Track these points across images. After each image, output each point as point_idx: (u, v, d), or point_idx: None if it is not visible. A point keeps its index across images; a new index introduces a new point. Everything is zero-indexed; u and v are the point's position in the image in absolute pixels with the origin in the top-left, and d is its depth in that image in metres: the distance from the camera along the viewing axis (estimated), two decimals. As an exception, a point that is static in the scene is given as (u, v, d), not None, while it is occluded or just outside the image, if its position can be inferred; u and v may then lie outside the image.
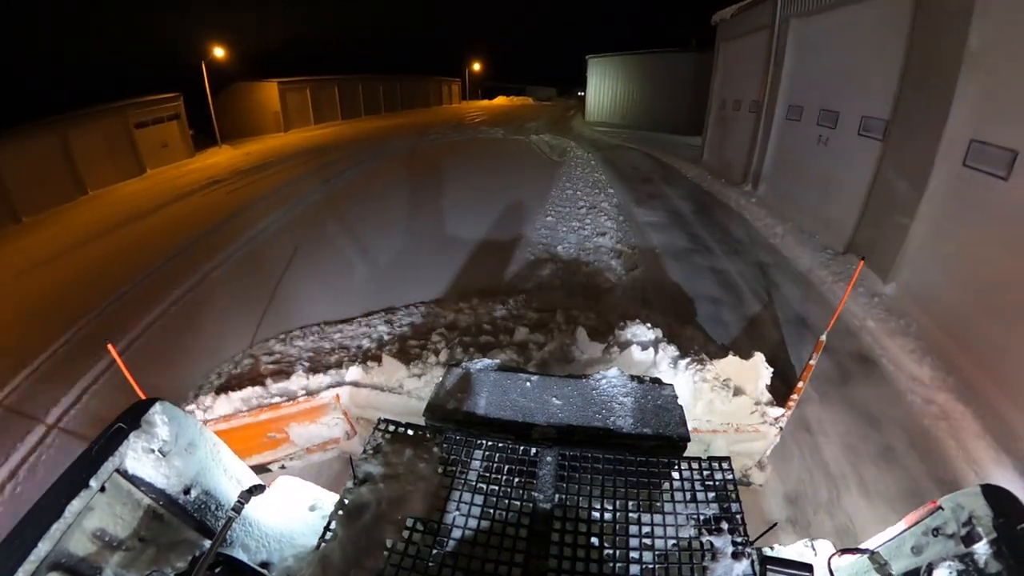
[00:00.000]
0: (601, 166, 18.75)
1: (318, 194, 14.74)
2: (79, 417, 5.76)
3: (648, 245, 10.47)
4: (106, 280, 9.20)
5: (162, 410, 1.87)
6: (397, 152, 21.24)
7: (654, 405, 2.37)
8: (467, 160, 19.67)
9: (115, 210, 15.07)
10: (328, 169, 18.30)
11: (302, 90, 30.48)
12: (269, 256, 10.07)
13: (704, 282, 8.80)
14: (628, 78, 31.90)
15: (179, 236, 11.62)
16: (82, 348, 7.10)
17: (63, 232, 13.14)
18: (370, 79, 36.73)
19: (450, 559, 1.72)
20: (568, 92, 50.92)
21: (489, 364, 2.71)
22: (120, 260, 10.43)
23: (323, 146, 24.00)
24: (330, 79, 32.97)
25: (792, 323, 7.41)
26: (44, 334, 7.45)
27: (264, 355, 6.18)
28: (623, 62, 32.34)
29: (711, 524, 1.81)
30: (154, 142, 20.38)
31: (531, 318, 6.55)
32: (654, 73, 30.03)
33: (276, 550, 2.07)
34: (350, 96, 34.75)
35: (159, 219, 13.69)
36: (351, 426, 4.87)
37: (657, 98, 30.12)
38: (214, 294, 8.61)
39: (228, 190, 16.44)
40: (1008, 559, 1.45)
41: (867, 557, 1.90)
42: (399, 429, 2.24)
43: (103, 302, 8.36)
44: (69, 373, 6.50)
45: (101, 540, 1.63)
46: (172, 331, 7.51)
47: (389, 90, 39.01)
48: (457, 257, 9.56)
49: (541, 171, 17.28)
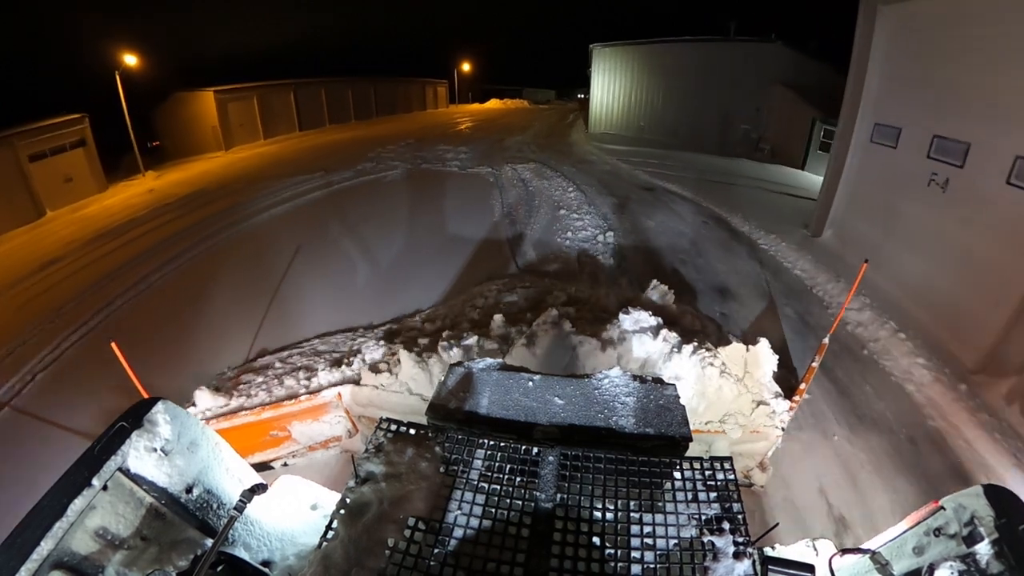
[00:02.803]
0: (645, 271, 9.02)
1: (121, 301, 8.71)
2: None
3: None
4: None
5: (164, 409, 1.87)
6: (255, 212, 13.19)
7: (656, 405, 2.37)
8: (366, 220, 11.98)
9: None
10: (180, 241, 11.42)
11: (247, 99, 24.23)
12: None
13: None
14: (650, 76, 23.39)
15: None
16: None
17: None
18: (335, 82, 30.89)
19: (452, 558, 1.73)
20: (568, 94, 48.60)
21: (491, 364, 2.71)
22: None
23: (242, 178, 17.19)
24: (284, 84, 26.98)
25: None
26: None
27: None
28: (643, 54, 23.40)
29: (713, 524, 1.81)
30: (55, 176, 15.96)
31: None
32: (693, 70, 21.64)
33: (278, 549, 2.08)
34: (310, 104, 28.91)
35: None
36: (353, 424, 4.87)
37: (695, 105, 21.86)
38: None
39: (31, 293, 9.49)
40: (1010, 560, 1.45)
41: (868, 557, 1.89)
42: (401, 428, 2.24)
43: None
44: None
45: (103, 539, 1.63)
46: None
47: (360, 95, 33.05)
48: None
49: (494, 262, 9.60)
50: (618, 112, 24.90)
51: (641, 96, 24.09)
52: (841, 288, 8.29)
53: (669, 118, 23.04)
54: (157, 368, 6.01)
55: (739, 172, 17.09)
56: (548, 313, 5.23)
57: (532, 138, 24.70)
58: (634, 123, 24.37)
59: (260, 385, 5.04)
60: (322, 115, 30.05)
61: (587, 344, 4.80)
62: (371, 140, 23.68)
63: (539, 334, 4.94)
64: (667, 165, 17.77)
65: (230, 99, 23.44)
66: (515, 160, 18.45)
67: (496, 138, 24.31)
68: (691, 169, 17.18)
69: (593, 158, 19.74)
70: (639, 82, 23.91)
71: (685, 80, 22.18)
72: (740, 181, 15.79)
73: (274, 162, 20.14)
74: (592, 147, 21.78)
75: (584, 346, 4.80)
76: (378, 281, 8.97)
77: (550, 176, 15.97)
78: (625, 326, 4.88)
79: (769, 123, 20.46)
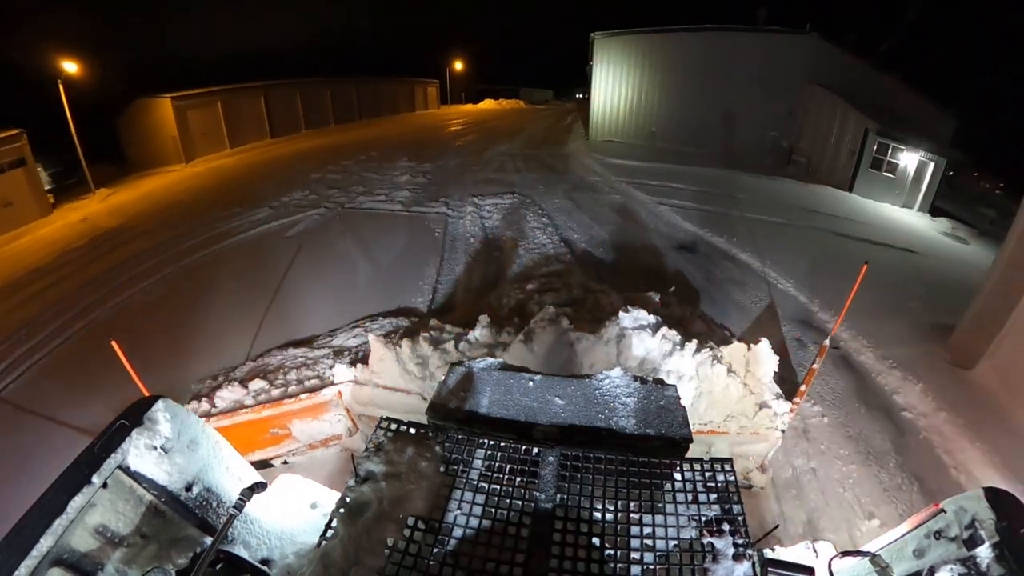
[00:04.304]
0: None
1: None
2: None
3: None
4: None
5: (165, 407, 1.88)
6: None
7: (656, 406, 2.36)
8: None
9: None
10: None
11: (210, 105, 21.97)
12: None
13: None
14: (665, 72, 19.84)
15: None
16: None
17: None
18: (312, 84, 28.49)
19: (451, 558, 1.72)
20: (566, 94, 47.68)
21: (492, 363, 2.70)
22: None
23: (175, 207, 14.13)
24: (253, 87, 24.47)
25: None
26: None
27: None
28: (655, 46, 19.78)
29: (712, 525, 1.81)
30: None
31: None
32: (715, 65, 18.46)
33: (277, 547, 2.08)
34: (283, 108, 26.39)
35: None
36: (353, 423, 4.88)
37: (718, 108, 18.74)
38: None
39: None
40: (1011, 563, 1.44)
41: (868, 560, 1.89)
42: (401, 427, 2.24)
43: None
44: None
45: (103, 536, 1.63)
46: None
47: (341, 97, 30.64)
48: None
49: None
50: (624, 116, 21.14)
51: (653, 96, 20.37)
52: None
53: (687, 123, 19.55)
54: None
55: (784, 200, 13.62)
56: (546, 310, 5.20)
57: (520, 147, 20.49)
58: (644, 129, 20.69)
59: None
60: (297, 120, 27.46)
61: (584, 340, 4.78)
62: (336, 150, 20.60)
63: (536, 331, 4.92)
64: (696, 194, 13.44)
65: (190, 106, 20.82)
66: (488, 186, 14.01)
67: (477, 147, 20.33)
68: (726, 197, 13.23)
69: (595, 179, 15.26)
70: (651, 79, 20.15)
71: (706, 77, 18.81)
72: (793, 216, 12.15)
73: (223, 180, 17.23)
74: (593, 161, 17.54)
75: (582, 343, 4.78)
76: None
77: (531, 220, 11.22)
78: (624, 323, 4.87)
79: (803, 130, 17.72)
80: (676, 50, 19.39)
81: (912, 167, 14.44)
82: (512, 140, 22.13)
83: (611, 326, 4.89)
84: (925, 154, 14.25)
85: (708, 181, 14.81)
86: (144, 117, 20.67)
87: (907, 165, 14.49)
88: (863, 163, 14.83)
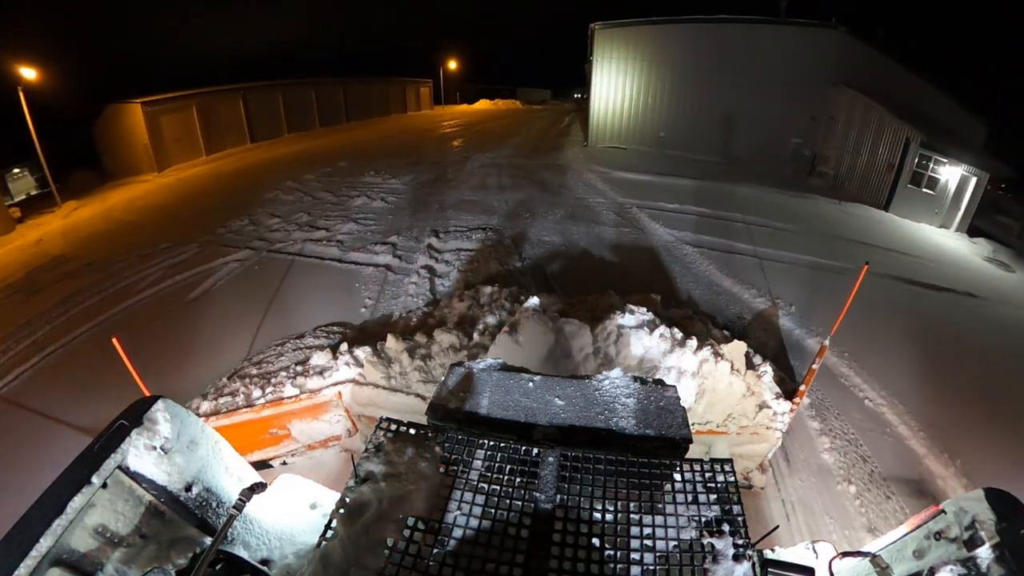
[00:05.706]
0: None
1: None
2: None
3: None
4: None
5: (164, 407, 1.88)
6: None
7: (656, 406, 2.36)
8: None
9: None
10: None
11: (184, 110, 20.63)
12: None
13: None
14: (674, 69, 17.67)
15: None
16: None
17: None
18: (295, 85, 26.99)
19: (451, 559, 1.72)
20: (564, 94, 47.27)
21: (492, 364, 2.70)
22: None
23: (127, 228, 12.36)
24: (231, 90, 23.14)
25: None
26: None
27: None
28: (664, 38, 17.51)
29: (712, 526, 1.81)
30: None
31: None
32: (733, 62, 16.46)
33: (277, 548, 2.07)
34: (264, 111, 24.96)
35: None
36: (353, 423, 4.88)
37: (737, 111, 16.90)
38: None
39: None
40: (1011, 564, 1.44)
41: (868, 561, 1.89)
42: (401, 428, 2.24)
43: None
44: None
45: (103, 536, 1.63)
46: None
47: (327, 98, 29.20)
48: None
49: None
50: (628, 119, 18.86)
51: (660, 97, 18.14)
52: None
53: (699, 128, 17.47)
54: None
55: (825, 228, 11.48)
56: (530, 301, 5.05)
57: (511, 154, 18.10)
58: (650, 135, 18.52)
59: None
60: (279, 123, 25.94)
61: (570, 326, 4.74)
62: (308, 159, 18.94)
63: (522, 321, 4.85)
64: (725, 227, 10.91)
65: (162, 111, 19.42)
66: (460, 214, 11.50)
67: (460, 155, 18.10)
68: (757, 226, 11.00)
69: (597, 201, 12.69)
70: (658, 77, 17.85)
71: (721, 76, 16.82)
72: (845, 255, 9.76)
73: (183, 196, 15.42)
74: (594, 175, 15.07)
75: (568, 327, 4.74)
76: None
77: (502, 277, 8.35)
78: (621, 321, 4.87)
79: (829, 138, 15.96)
80: (687, 44, 17.16)
81: (954, 182, 12.79)
82: (501, 146, 19.79)
83: (608, 323, 4.89)
84: (968, 167, 12.59)
85: (734, 203, 12.65)
86: (116, 123, 19.52)
87: (948, 180, 12.84)
88: (902, 178, 13.12)
